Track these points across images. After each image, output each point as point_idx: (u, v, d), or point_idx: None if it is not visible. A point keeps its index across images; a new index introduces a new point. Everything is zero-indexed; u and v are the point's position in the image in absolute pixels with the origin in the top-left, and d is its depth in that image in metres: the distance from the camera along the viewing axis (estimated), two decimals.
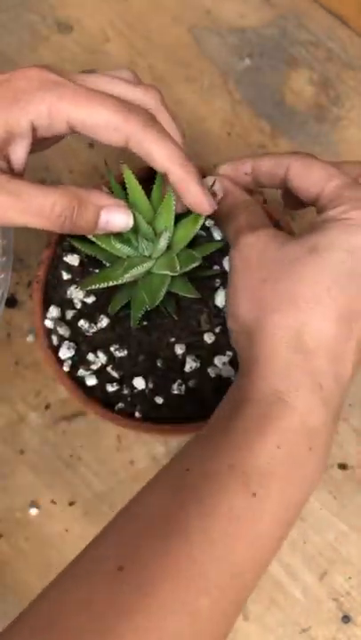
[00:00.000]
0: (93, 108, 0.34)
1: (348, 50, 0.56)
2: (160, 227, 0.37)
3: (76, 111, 0.34)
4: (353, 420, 0.47)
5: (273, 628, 0.44)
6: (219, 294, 0.40)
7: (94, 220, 0.35)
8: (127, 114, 0.34)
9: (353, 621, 0.44)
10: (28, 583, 0.45)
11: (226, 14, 0.57)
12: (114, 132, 0.34)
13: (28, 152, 0.36)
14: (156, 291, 0.37)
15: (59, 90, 0.34)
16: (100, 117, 0.34)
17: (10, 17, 0.58)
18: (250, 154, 0.53)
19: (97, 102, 0.34)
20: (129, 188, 0.37)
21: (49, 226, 0.34)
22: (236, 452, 0.29)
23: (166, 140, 0.35)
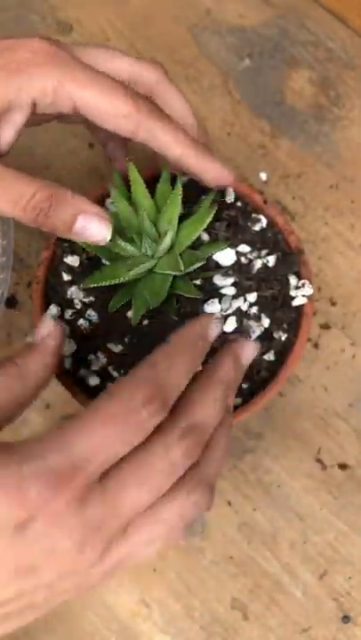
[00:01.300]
0: (104, 93, 0.33)
1: (348, 50, 0.56)
2: (164, 226, 0.37)
3: (85, 94, 0.33)
4: (353, 420, 0.47)
5: (273, 627, 0.44)
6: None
7: (70, 222, 0.33)
8: (137, 101, 0.33)
9: (353, 621, 0.44)
10: None
11: (226, 14, 0.57)
12: (123, 119, 0.33)
13: (21, 127, 0.34)
14: (158, 290, 0.37)
15: (68, 67, 0.32)
16: (110, 104, 0.33)
17: (10, 17, 0.58)
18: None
19: (108, 87, 0.33)
20: (133, 186, 0.37)
21: (22, 216, 0.32)
22: None
23: (172, 125, 0.34)
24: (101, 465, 0.27)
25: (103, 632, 0.44)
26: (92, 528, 0.27)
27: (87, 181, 0.53)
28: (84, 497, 0.27)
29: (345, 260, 0.51)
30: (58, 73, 0.32)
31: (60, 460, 0.26)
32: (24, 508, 0.26)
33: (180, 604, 0.44)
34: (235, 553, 0.45)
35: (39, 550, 0.26)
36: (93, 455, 0.27)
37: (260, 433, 0.47)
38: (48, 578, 0.27)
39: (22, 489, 0.26)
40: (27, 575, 0.27)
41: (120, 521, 0.28)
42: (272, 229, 0.42)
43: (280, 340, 0.39)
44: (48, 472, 0.26)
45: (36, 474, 0.26)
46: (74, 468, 0.26)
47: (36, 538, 0.26)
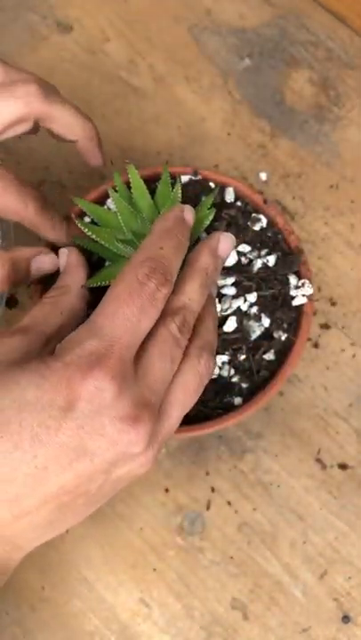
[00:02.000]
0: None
1: (348, 50, 0.56)
2: None
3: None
4: (353, 420, 0.47)
5: (273, 627, 0.44)
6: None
7: (27, 269, 0.38)
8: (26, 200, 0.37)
9: (353, 621, 0.44)
10: (28, 582, 0.45)
11: (226, 14, 0.57)
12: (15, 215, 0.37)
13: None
14: None
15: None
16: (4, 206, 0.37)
17: (10, 17, 0.58)
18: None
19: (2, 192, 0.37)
20: (133, 188, 0.37)
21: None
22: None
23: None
24: (131, 340, 0.30)
25: (103, 632, 0.44)
26: (138, 405, 0.29)
27: (87, 182, 0.53)
28: (124, 374, 0.29)
29: (345, 260, 0.51)
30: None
31: (94, 342, 0.29)
32: (71, 390, 0.28)
33: (180, 604, 0.44)
34: (235, 553, 0.45)
35: (91, 430, 0.28)
36: (122, 332, 0.30)
37: (260, 433, 0.47)
38: (102, 463, 0.29)
39: (66, 373, 0.28)
40: (82, 459, 0.28)
41: (157, 396, 0.30)
42: (272, 229, 0.42)
43: (280, 339, 0.39)
44: (87, 354, 0.29)
45: (78, 358, 0.28)
46: (109, 347, 0.29)
47: (87, 417, 0.28)
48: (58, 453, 0.28)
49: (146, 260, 0.32)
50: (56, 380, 0.28)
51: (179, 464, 0.46)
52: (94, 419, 0.28)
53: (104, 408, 0.28)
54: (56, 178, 0.53)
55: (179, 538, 0.45)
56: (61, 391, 0.28)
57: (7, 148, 0.54)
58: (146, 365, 0.30)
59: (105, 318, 0.30)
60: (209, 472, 0.46)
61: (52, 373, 0.28)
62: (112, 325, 0.30)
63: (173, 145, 0.54)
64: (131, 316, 0.30)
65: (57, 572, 0.45)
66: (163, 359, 0.31)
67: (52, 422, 0.27)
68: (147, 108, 0.55)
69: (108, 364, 0.28)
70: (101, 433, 0.28)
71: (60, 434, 0.27)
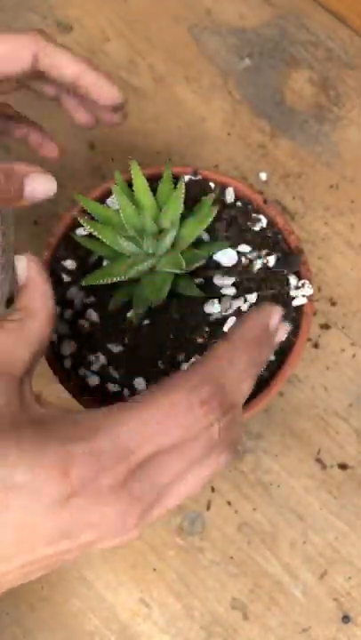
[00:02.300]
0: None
1: (348, 50, 0.56)
2: (165, 224, 0.37)
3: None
4: (353, 420, 0.47)
5: (273, 627, 0.44)
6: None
7: (20, 189, 0.34)
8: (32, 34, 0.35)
9: (353, 621, 0.44)
10: (27, 582, 0.45)
11: (226, 14, 0.57)
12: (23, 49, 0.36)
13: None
14: (159, 289, 0.37)
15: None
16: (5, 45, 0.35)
17: (10, 17, 0.58)
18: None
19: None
20: (135, 185, 0.37)
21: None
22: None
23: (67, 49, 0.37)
24: (146, 455, 0.27)
25: (103, 632, 0.44)
26: (132, 503, 0.27)
27: (88, 181, 0.53)
28: (125, 480, 0.27)
29: (345, 259, 0.51)
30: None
31: (106, 444, 0.27)
32: (67, 485, 0.26)
33: (180, 604, 0.44)
34: (235, 553, 0.45)
35: (80, 522, 0.27)
36: (140, 446, 0.27)
37: (259, 433, 0.47)
38: (85, 541, 0.28)
39: (66, 467, 0.26)
40: (64, 541, 0.27)
41: (158, 493, 0.28)
42: (272, 229, 0.42)
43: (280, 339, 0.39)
44: (94, 455, 0.26)
45: (82, 454, 0.26)
46: (119, 456, 0.27)
47: (78, 511, 0.27)
48: (42, 533, 0.27)
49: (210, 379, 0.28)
50: (53, 471, 0.26)
51: None
52: (85, 513, 0.27)
53: (97, 506, 0.27)
54: (56, 178, 0.53)
55: (179, 538, 0.45)
56: (56, 484, 0.26)
57: (7, 148, 0.54)
58: (158, 464, 0.28)
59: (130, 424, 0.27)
60: None
61: (49, 462, 0.26)
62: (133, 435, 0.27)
63: (173, 145, 0.54)
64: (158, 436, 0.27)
65: (56, 572, 0.45)
66: (181, 463, 0.28)
67: (41, 509, 0.26)
68: (147, 108, 0.55)
69: (114, 471, 0.27)
70: (90, 524, 0.27)
71: (46, 519, 0.26)
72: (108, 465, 0.27)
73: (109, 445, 0.27)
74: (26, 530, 0.26)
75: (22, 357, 0.30)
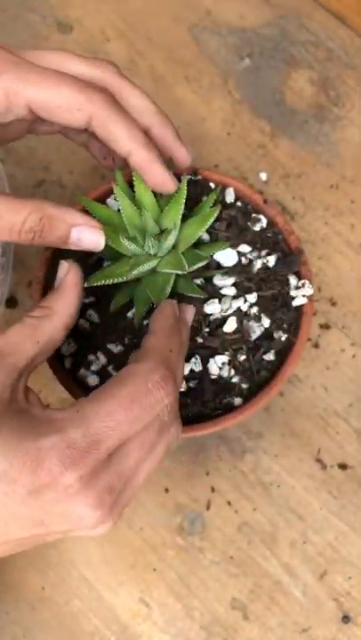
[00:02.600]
0: (55, 87, 0.33)
1: (348, 50, 0.56)
2: (166, 225, 0.37)
3: (35, 92, 0.33)
4: (353, 420, 0.47)
5: (273, 627, 0.44)
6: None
7: (65, 236, 0.34)
8: (90, 93, 0.34)
9: (353, 621, 0.44)
10: (28, 582, 0.45)
11: (226, 14, 0.57)
12: (77, 112, 0.34)
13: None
14: (160, 289, 0.37)
15: (15, 70, 0.33)
16: (62, 98, 0.33)
17: (10, 17, 0.58)
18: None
19: (58, 81, 0.33)
20: (137, 186, 0.37)
21: (18, 240, 0.33)
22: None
23: (129, 120, 0.35)
24: (116, 443, 0.29)
25: (103, 632, 0.44)
26: (102, 494, 0.29)
27: (87, 181, 0.53)
28: (94, 471, 0.29)
29: (345, 259, 0.51)
30: (7, 76, 0.33)
31: (76, 437, 0.28)
32: (39, 478, 0.28)
33: (180, 604, 0.44)
34: (235, 553, 0.45)
35: (52, 513, 0.28)
36: (109, 436, 0.29)
37: (260, 433, 0.47)
38: (59, 530, 0.29)
39: (39, 460, 0.28)
40: (40, 527, 0.29)
41: (125, 480, 0.30)
42: (272, 229, 0.42)
43: (280, 339, 0.39)
44: (64, 447, 0.28)
45: (53, 448, 0.28)
46: (88, 447, 0.28)
47: (50, 503, 0.28)
48: (18, 519, 0.28)
49: (159, 365, 0.31)
50: (26, 462, 0.28)
51: (179, 464, 0.46)
52: (55, 505, 0.28)
53: (67, 500, 0.28)
54: (56, 178, 0.53)
55: (179, 538, 0.45)
56: (29, 475, 0.28)
57: (7, 148, 0.54)
58: (123, 453, 0.30)
59: (97, 414, 0.29)
60: (209, 472, 0.46)
61: (24, 454, 0.28)
62: (102, 425, 0.29)
63: None
64: (124, 424, 0.29)
65: (57, 572, 0.45)
66: (142, 449, 0.31)
67: (14, 496, 0.28)
68: None
69: (82, 464, 0.28)
70: (61, 515, 0.29)
71: (21, 507, 0.28)
72: (78, 457, 0.28)
73: (80, 437, 0.28)
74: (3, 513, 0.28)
75: (27, 352, 0.32)
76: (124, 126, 0.34)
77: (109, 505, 0.29)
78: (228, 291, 0.39)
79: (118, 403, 0.29)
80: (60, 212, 0.34)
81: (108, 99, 0.34)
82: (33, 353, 0.32)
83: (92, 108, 0.34)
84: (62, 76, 0.33)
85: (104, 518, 0.29)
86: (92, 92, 0.34)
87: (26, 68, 0.33)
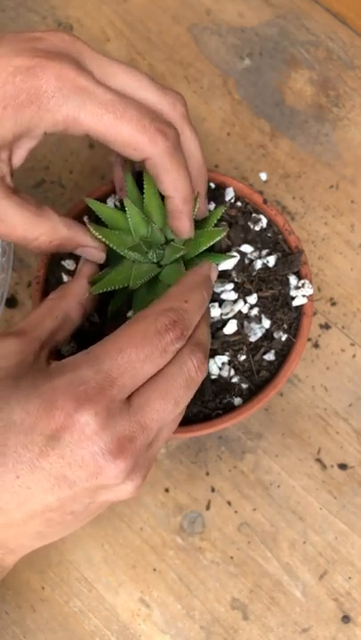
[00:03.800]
0: (117, 123, 0.32)
1: (348, 50, 0.56)
2: (172, 235, 0.37)
3: (96, 125, 0.32)
4: (353, 420, 0.47)
5: (273, 627, 0.44)
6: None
7: (72, 249, 0.37)
8: (153, 135, 0.33)
9: (353, 621, 0.44)
10: (28, 582, 0.45)
11: (226, 14, 0.57)
12: (133, 151, 0.33)
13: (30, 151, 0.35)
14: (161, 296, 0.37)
15: (81, 98, 0.32)
16: (123, 135, 0.33)
17: (10, 17, 0.58)
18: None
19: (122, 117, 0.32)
20: (146, 196, 0.37)
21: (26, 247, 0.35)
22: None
23: (180, 170, 0.35)
24: (129, 382, 0.29)
25: (103, 632, 0.44)
26: (121, 441, 0.28)
27: (87, 181, 0.53)
28: (111, 411, 0.28)
29: (345, 259, 0.51)
30: (72, 105, 0.32)
31: (88, 374, 0.28)
32: (54, 419, 0.27)
33: (180, 604, 0.44)
34: (235, 553, 0.45)
35: (71, 460, 0.28)
36: (121, 372, 0.29)
37: (260, 433, 0.47)
38: (82, 490, 0.28)
39: (53, 400, 0.28)
40: (63, 486, 0.28)
41: (148, 435, 0.30)
42: (272, 229, 0.42)
43: (280, 340, 0.39)
44: (77, 384, 0.28)
45: (66, 386, 0.28)
46: (102, 382, 0.28)
47: (68, 448, 0.28)
48: (40, 477, 0.28)
49: (169, 309, 0.31)
50: (41, 405, 0.28)
51: (179, 464, 0.46)
52: (74, 450, 0.28)
53: (85, 441, 0.28)
54: (56, 178, 0.53)
55: (179, 538, 0.45)
56: (45, 418, 0.27)
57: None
58: (144, 403, 0.30)
59: (108, 353, 0.29)
60: (209, 472, 0.46)
61: (38, 397, 0.28)
62: (113, 362, 0.29)
63: None
64: (135, 360, 0.29)
65: (57, 572, 0.45)
66: (166, 401, 0.30)
67: (34, 447, 0.27)
68: None
69: (97, 400, 0.28)
70: (80, 465, 0.28)
71: (41, 460, 0.28)
72: (92, 393, 0.28)
73: (91, 374, 0.28)
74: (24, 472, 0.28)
75: (47, 326, 0.34)
76: (173, 177, 0.34)
77: (132, 455, 0.29)
78: (229, 295, 0.39)
79: (128, 340, 0.29)
80: (72, 235, 0.35)
81: (169, 146, 0.33)
82: (52, 327, 0.34)
83: (152, 151, 0.33)
84: (127, 108, 0.32)
85: (128, 471, 0.29)
86: (154, 134, 0.33)
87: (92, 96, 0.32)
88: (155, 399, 0.30)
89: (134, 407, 0.29)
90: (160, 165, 0.34)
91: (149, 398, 0.30)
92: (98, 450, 0.28)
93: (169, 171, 0.34)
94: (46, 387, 0.28)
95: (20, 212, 0.33)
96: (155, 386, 0.30)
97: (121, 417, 0.28)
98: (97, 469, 0.28)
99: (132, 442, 0.29)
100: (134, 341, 0.29)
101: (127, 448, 0.28)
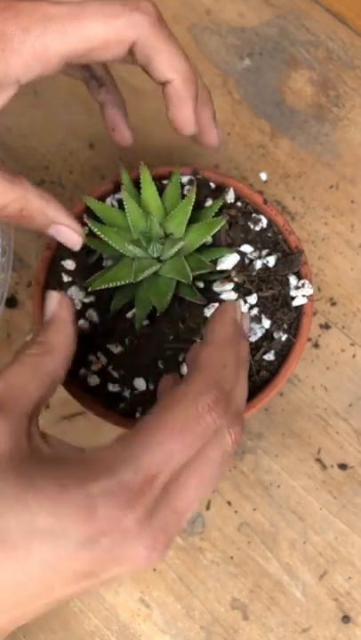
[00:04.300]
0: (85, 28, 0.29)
1: (348, 50, 0.56)
2: (171, 229, 0.37)
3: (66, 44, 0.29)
4: (353, 420, 0.47)
5: (273, 627, 0.44)
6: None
7: (44, 228, 0.34)
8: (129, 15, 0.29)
9: (353, 621, 0.44)
10: None
11: (226, 14, 0.57)
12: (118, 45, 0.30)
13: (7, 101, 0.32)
14: (163, 294, 0.37)
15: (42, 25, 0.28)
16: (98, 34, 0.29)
17: None
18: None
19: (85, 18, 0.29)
20: (144, 192, 0.37)
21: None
22: None
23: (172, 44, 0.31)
24: (169, 476, 0.27)
25: (103, 632, 0.44)
26: (157, 533, 0.27)
27: (87, 181, 0.53)
28: (151, 510, 0.26)
29: (345, 259, 0.51)
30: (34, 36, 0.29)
31: (128, 476, 0.26)
32: (93, 527, 0.25)
33: (180, 604, 0.44)
34: (235, 553, 0.45)
35: (106, 561, 0.26)
36: (161, 469, 0.27)
37: (260, 433, 0.47)
38: (109, 577, 0.27)
39: (91, 508, 0.25)
40: (90, 579, 0.26)
41: (181, 519, 0.28)
42: (272, 229, 0.42)
43: (280, 340, 0.39)
44: (117, 490, 0.26)
45: (105, 492, 0.26)
46: (143, 485, 0.26)
47: (105, 551, 0.26)
48: (67, 577, 0.26)
49: (210, 386, 0.28)
50: (78, 512, 0.25)
51: None
52: (111, 551, 0.26)
53: (124, 543, 0.26)
54: (56, 178, 0.53)
55: (179, 538, 0.45)
56: (80, 526, 0.25)
57: (7, 148, 0.54)
58: (182, 490, 0.28)
59: (146, 448, 0.27)
60: None
61: (73, 503, 0.25)
62: (153, 459, 0.27)
63: (173, 145, 0.54)
64: (176, 453, 0.27)
65: None
66: (203, 484, 0.28)
67: (65, 553, 0.25)
68: (147, 108, 0.55)
69: (140, 503, 0.26)
70: (115, 561, 0.26)
71: (72, 563, 0.25)
72: (134, 498, 0.26)
73: (132, 477, 0.26)
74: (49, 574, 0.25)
75: (32, 395, 0.29)
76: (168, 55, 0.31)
77: (164, 544, 0.27)
78: (228, 295, 0.39)
79: (169, 432, 0.27)
80: (45, 207, 0.32)
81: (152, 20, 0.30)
82: (38, 395, 0.29)
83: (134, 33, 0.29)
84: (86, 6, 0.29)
85: (158, 558, 0.27)
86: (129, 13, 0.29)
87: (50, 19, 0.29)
88: (192, 485, 0.28)
89: (171, 495, 0.27)
90: (148, 46, 0.30)
91: (186, 484, 0.28)
92: (134, 549, 0.26)
93: (159, 48, 0.31)
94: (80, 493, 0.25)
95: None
96: (192, 470, 0.28)
97: (158, 510, 0.27)
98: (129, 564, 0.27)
99: (166, 532, 0.27)
100: (174, 432, 0.27)
101: (161, 539, 0.27)
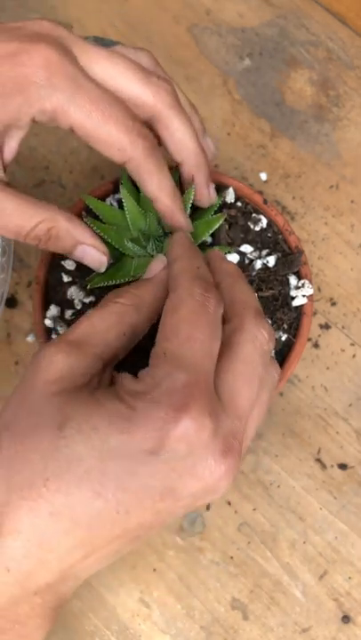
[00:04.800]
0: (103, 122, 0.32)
1: (348, 50, 0.56)
2: (170, 226, 0.37)
3: (84, 122, 0.32)
4: (353, 420, 0.47)
5: (273, 627, 0.44)
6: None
7: (69, 249, 0.35)
8: (135, 138, 0.33)
9: (353, 621, 0.44)
10: None
11: (226, 14, 0.57)
12: (117, 151, 0.33)
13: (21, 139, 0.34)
14: None
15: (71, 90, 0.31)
16: (109, 135, 0.33)
17: (10, 17, 0.58)
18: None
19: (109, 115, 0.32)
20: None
21: (23, 241, 0.33)
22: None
23: (162, 171, 0.34)
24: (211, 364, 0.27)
25: (103, 632, 0.44)
26: (227, 437, 0.27)
27: (87, 181, 0.53)
28: (215, 406, 0.26)
29: (345, 259, 0.51)
30: (61, 96, 0.31)
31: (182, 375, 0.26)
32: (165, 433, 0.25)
33: (180, 604, 0.44)
34: (235, 553, 0.45)
35: (182, 471, 0.26)
36: (203, 358, 0.27)
37: (259, 433, 0.47)
38: (187, 500, 0.27)
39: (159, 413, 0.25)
40: (167, 499, 0.26)
41: (244, 426, 0.28)
42: (272, 229, 0.42)
43: (280, 340, 0.39)
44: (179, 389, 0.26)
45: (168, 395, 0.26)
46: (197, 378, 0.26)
47: (178, 459, 0.26)
48: (143, 497, 0.26)
49: (195, 279, 0.29)
50: (145, 422, 0.25)
51: None
52: (186, 459, 0.26)
53: (198, 448, 0.26)
54: (56, 178, 0.53)
55: (179, 538, 0.45)
56: (152, 433, 0.25)
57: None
58: (232, 392, 0.28)
59: (181, 345, 0.27)
60: None
61: (138, 415, 0.25)
62: (192, 352, 0.27)
63: None
64: (206, 339, 0.27)
65: None
66: (251, 384, 0.28)
67: (139, 468, 0.25)
68: None
69: (202, 398, 0.26)
70: (192, 473, 0.26)
71: (147, 478, 0.25)
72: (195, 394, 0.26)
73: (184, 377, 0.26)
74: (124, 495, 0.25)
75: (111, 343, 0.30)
76: (156, 177, 0.34)
77: (238, 453, 0.27)
78: None
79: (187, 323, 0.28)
80: (71, 228, 0.34)
81: (149, 147, 0.34)
82: (116, 345, 0.30)
83: (133, 152, 0.33)
84: (114, 108, 0.32)
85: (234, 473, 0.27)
86: (136, 136, 0.33)
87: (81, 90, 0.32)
88: (241, 386, 0.28)
89: (225, 399, 0.27)
90: (142, 167, 0.34)
91: (235, 387, 0.28)
92: (210, 454, 0.26)
93: (151, 171, 0.34)
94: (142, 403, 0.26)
95: (18, 201, 0.32)
96: (236, 371, 0.28)
97: (221, 411, 0.27)
98: (209, 475, 0.26)
99: (235, 438, 0.27)
100: (192, 322, 0.28)
101: (234, 447, 0.27)
